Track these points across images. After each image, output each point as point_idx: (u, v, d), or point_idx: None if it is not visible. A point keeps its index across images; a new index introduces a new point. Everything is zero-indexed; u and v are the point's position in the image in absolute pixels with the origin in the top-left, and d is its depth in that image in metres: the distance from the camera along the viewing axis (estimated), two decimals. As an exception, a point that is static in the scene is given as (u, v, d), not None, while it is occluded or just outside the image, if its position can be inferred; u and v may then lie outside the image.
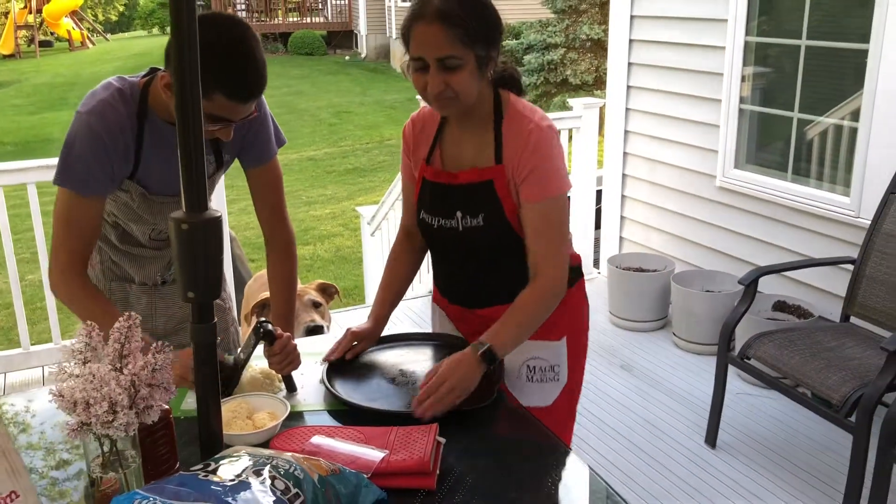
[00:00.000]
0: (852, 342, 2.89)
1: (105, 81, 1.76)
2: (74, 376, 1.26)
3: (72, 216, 1.74)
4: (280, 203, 1.98)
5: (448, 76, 1.61)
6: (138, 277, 1.99)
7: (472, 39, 1.60)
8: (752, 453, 3.07)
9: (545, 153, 1.67)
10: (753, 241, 3.86)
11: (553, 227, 1.71)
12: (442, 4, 1.58)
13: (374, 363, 1.88)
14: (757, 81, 3.84)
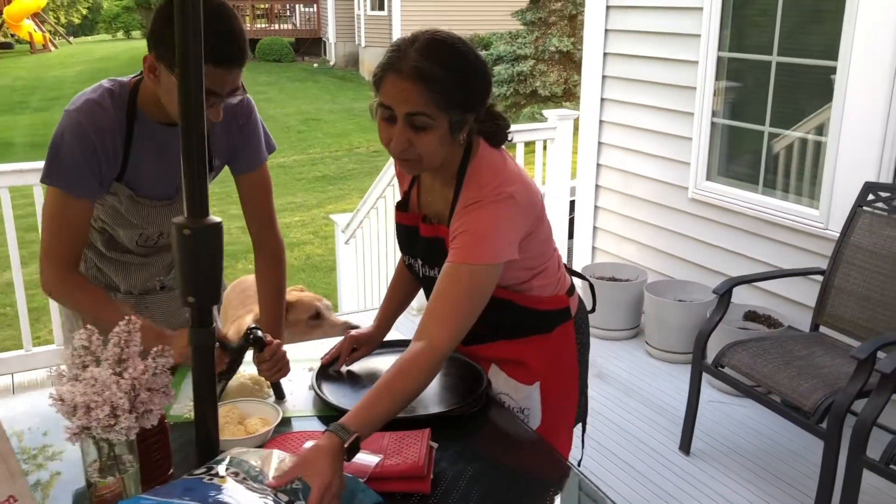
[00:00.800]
0: (822, 351, 2.97)
1: (96, 84, 1.75)
2: (74, 380, 1.25)
3: (61, 215, 1.73)
4: (269, 210, 1.97)
5: (414, 135, 1.49)
6: (123, 286, 1.97)
7: (449, 104, 1.48)
8: (725, 460, 3.12)
9: (479, 221, 1.53)
10: (724, 252, 3.94)
11: (455, 296, 1.52)
12: (421, 63, 1.46)
13: (364, 369, 1.89)
14: (729, 95, 3.93)
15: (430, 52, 1.48)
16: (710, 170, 4.00)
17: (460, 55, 1.52)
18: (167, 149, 1.78)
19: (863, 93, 3.21)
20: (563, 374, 1.82)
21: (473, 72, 1.52)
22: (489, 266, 1.53)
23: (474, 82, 1.53)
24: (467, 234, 1.53)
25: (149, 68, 1.63)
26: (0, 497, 1.19)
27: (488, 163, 1.60)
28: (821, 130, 3.53)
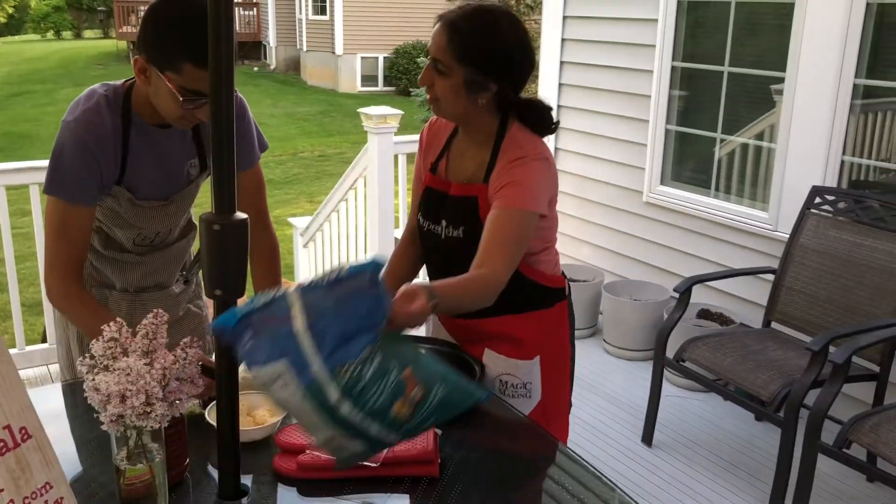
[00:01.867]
0: (775, 345, 3.14)
1: (89, 90, 1.77)
2: (106, 370, 1.29)
3: (65, 224, 1.75)
4: (264, 208, 2.00)
5: (436, 77, 1.72)
6: (119, 284, 1.98)
7: (464, 58, 1.68)
8: (685, 450, 3.28)
9: (523, 173, 1.72)
10: (678, 253, 4.11)
11: (507, 236, 1.69)
12: (456, 16, 1.71)
13: None
14: (682, 103, 4.10)
15: (469, 14, 1.71)
16: (663, 175, 4.17)
17: (493, 24, 1.71)
18: (163, 150, 1.82)
19: (809, 101, 3.41)
20: (558, 350, 1.96)
21: (498, 41, 1.71)
22: (533, 213, 1.72)
23: (495, 50, 1.71)
24: (514, 184, 1.71)
25: (140, 70, 1.66)
26: (38, 484, 1.22)
27: (524, 134, 1.80)
28: (770, 137, 3.73)
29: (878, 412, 2.62)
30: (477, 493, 1.46)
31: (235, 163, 1.32)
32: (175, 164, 1.86)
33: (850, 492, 3.01)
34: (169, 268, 2.03)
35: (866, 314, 3.00)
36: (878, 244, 3.04)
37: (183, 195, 1.92)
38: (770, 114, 3.73)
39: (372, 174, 4.42)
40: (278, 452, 1.54)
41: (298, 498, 1.46)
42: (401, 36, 19.55)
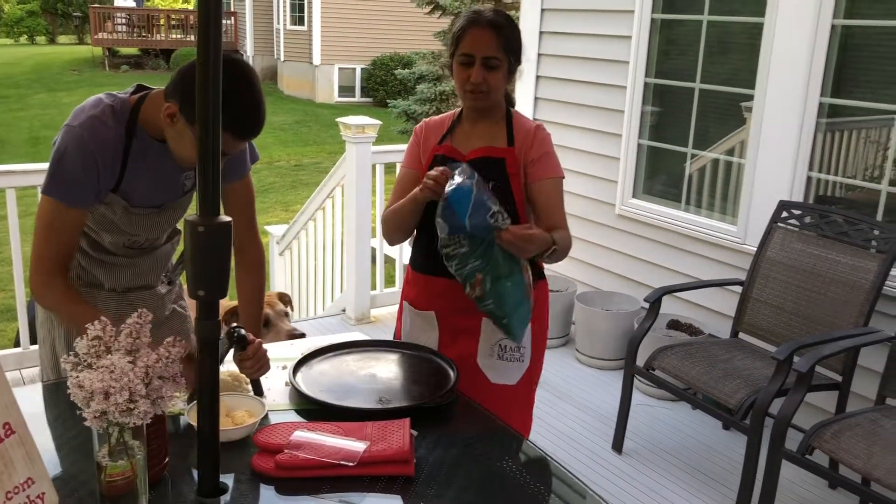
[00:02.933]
0: (742, 355, 3.22)
1: (95, 98, 1.82)
2: (90, 368, 1.32)
3: (56, 224, 1.79)
4: (252, 218, 2.06)
5: (488, 73, 2.01)
6: (108, 284, 2.01)
7: (509, 49, 2.03)
8: (653, 458, 3.34)
9: (549, 145, 2.12)
10: (649, 264, 4.19)
11: (561, 201, 2.11)
12: (494, 17, 2.03)
13: (336, 367, 2.00)
14: (654, 119, 4.20)
15: (498, 13, 2.05)
16: (636, 188, 4.26)
17: (510, 19, 2.07)
18: (161, 163, 1.86)
19: (777, 118, 3.51)
20: (543, 322, 2.28)
21: (517, 29, 2.08)
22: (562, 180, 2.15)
23: (519, 36, 2.08)
24: (549, 154, 2.11)
25: (168, 115, 1.71)
26: (20, 479, 1.25)
27: (520, 113, 2.20)
28: (739, 153, 3.83)
29: (840, 420, 2.70)
30: (451, 492, 1.50)
31: (220, 169, 1.36)
32: (171, 176, 1.91)
33: (812, 498, 3.09)
34: (155, 269, 2.07)
35: (829, 325, 3.09)
36: (842, 258, 3.13)
37: (175, 205, 1.97)
38: (740, 130, 3.83)
39: (350, 183, 4.46)
40: (257, 452, 1.58)
41: (276, 496, 1.49)
42: (378, 48, 19.61)
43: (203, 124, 1.33)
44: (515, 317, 1.99)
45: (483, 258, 1.90)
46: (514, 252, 1.92)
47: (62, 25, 35.39)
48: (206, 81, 1.32)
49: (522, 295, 1.98)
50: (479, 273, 1.92)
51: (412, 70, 14.31)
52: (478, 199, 1.86)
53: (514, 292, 1.96)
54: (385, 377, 1.93)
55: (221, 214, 1.38)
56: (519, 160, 2.08)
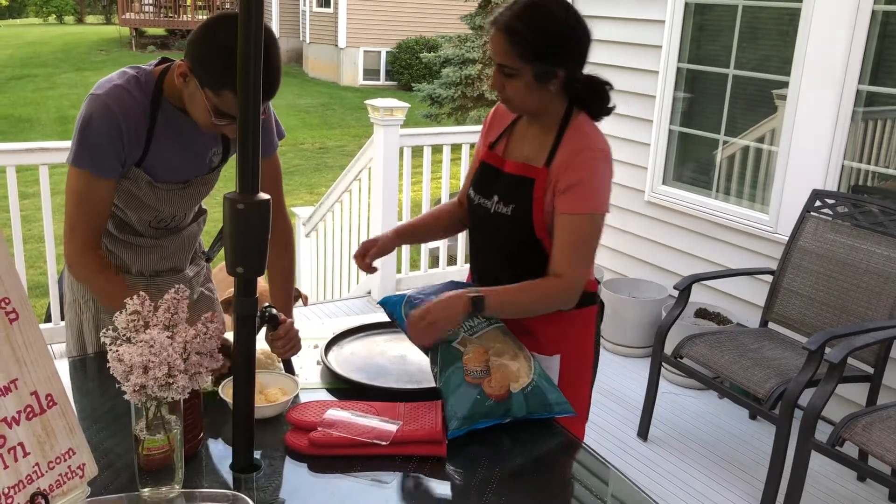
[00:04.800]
0: (772, 345, 3.19)
1: (120, 70, 1.80)
2: (129, 342, 1.33)
3: (86, 195, 1.78)
4: (280, 197, 2.03)
5: (506, 81, 1.75)
6: (135, 267, 2.01)
7: (530, 55, 1.70)
8: (680, 446, 3.32)
9: (589, 172, 1.74)
10: (677, 252, 4.16)
11: (580, 241, 1.76)
12: (509, 18, 1.71)
13: (366, 348, 2.00)
14: (686, 105, 4.15)
15: (521, 12, 1.72)
16: (666, 174, 4.22)
17: (547, 14, 1.73)
18: (187, 136, 1.85)
19: (812, 106, 3.46)
20: (580, 353, 1.94)
21: (557, 28, 1.72)
22: (602, 215, 1.78)
23: (556, 37, 1.72)
24: (581, 185, 1.74)
25: (180, 73, 1.70)
26: (62, 449, 1.26)
27: (589, 124, 1.82)
28: (772, 140, 3.77)
29: (871, 412, 2.67)
30: (482, 473, 1.50)
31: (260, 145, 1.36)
32: (198, 150, 1.89)
33: (841, 490, 3.06)
34: (183, 251, 2.06)
35: (861, 316, 3.05)
36: (876, 248, 3.09)
37: (202, 181, 1.95)
38: (773, 118, 3.78)
39: (377, 166, 4.46)
40: (290, 429, 1.58)
41: (308, 474, 1.50)
42: (404, 31, 19.55)
43: (243, 99, 1.33)
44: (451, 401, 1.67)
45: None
46: (423, 336, 1.73)
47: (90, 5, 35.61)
48: (248, 58, 1.32)
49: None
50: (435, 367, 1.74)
51: (438, 53, 14.26)
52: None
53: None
54: (415, 358, 1.93)
55: (260, 192, 1.39)
56: (548, 185, 1.77)
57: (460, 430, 1.59)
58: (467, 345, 1.72)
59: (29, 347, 1.24)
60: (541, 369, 1.75)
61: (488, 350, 1.71)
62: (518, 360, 1.72)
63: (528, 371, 1.71)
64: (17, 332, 1.22)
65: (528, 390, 1.68)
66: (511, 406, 1.66)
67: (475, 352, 1.70)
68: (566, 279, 1.76)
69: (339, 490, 1.44)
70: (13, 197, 3.51)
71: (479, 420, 1.62)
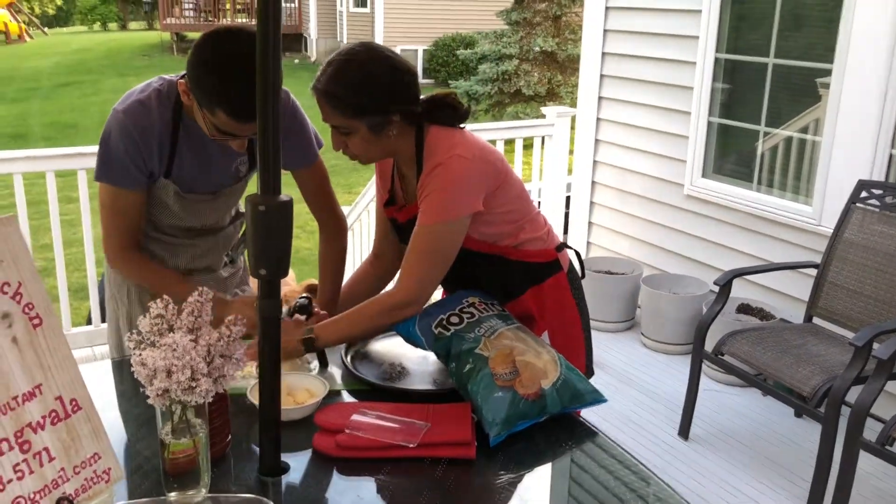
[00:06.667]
0: (816, 340, 3.10)
1: (146, 82, 1.83)
2: (153, 346, 1.32)
3: (115, 207, 1.84)
4: (329, 196, 2.08)
5: (345, 139, 1.76)
6: (169, 264, 2.03)
7: (357, 112, 1.71)
8: (722, 445, 3.25)
9: (438, 182, 1.75)
10: (718, 246, 4.07)
11: (418, 252, 1.78)
12: (325, 83, 1.71)
13: (386, 348, 1.97)
14: (725, 95, 4.05)
15: (335, 74, 1.71)
16: (705, 167, 4.13)
17: (360, 69, 1.72)
18: (211, 148, 1.86)
19: (857, 94, 3.34)
20: (565, 322, 1.99)
21: (374, 81, 1.72)
22: (452, 222, 1.76)
23: (376, 90, 1.72)
24: (428, 198, 1.76)
25: (184, 91, 1.73)
26: (87, 454, 1.26)
27: (440, 138, 1.80)
28: (815, 130, 3.67)
29: (923, 410, 2.57)
30: (512, 475, 1.47)
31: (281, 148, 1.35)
32: (223, 160, 1.90)
33: (891, 490, 2.96)
34: (217, 251, 2.08)
35: (912, 311, 2.94)
36: (926, 240, 2.98)
37: (231, 190, 1.97)
38: (815, 107, 3.67)
39: (411, 164, 4.44)
40: (318, 431, 1.57)
41: (337, 476, 1.48)
42: (440, 28, 19.53)
43: (262, 104, 1.31)
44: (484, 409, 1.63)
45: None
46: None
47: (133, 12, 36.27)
48: (266, 67, 1.30)
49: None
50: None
51: (474, 50, 14.22)
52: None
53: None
54: (437, 360, 1.89)
55: (282, 193, 1.37)
56: None
57: (501, 436, 1.55)
58: (490, 349, 1.69)
59: (53, 353, 1.24)
60: (566, 361, 1.73)
61: (512, 351, 1.68)
62: (542, 357, 1.69)
63: (554, 365, 1.68)
64: (41, 337, 1.23)
65: (558, 384, 1.65)
66: (546, 403, 1.63)
67: (499, 354, 1.67)
68: (398, 290, 1.80)
69: (367, 493, 1.42)
70: (53, 201, 3.57)
71: (517, 422, 1.58)
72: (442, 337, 1.76)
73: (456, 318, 1.78)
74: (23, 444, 1.17)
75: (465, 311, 1.80)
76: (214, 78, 1.62)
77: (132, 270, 1.90)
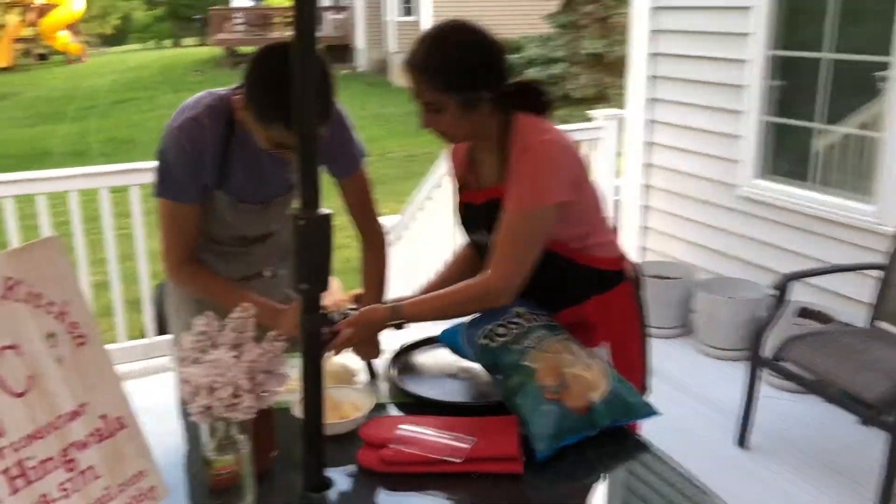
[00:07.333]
0: (880, 345, 2.98)
1: (197, 97, 1.87)
2: (196, 363, 1.33)
3: (173, 220, 1.90)
4: (370, 206, 2.09)
5: (434, 117, 1.75)
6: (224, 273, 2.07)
7: (448, 87, 1.71)
8: (782, 455, 3.14)
9: (528, 168, 1.72)
10: (775, 249, 3.96)
11: (512, 238, 1.74)
12: (417, 57, 1.72)
13: (432, 359, 1.95)
14: (779, 93, 3.94)
15: (430, 47, 1.73)
16: (759, 167, 4.02)
17: (456, 44, 1.74)
18: (261, 159, 1.90)
19: (918, 88, 3.22)
20: (627, 334, 1.94)
21: (468, 56, 1.73)
22: (543, 209, 1.73)
23: (470, 65, 1.72)
24: (519, 183, 1.73)
25: (240, 106, 1.79)
26: (131, 472, 1.26)
27: (528, 123, 1.79)
28: (874, 126, 3.54)
29: None
30: (560, 490, 1.43)
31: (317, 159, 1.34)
32: (275, 171, 1.94)
33: (965, 502, 2.83)
34: (271, 258, 2.12)
35: (983, 313, 2.81)
36: None
37: (283, 199, 2.00)
38: (875, 102, 3.54)
39: (457, 172, 4.42)
40: (363, 446, 1.55)
41: (381, 492, 1.47)
42: (487, 34, 19.53)
43: (298, 118, 1.31)
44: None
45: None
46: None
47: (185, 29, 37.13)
48: (303, 80, 1.29)
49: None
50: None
51: (522, 55, 14.16)
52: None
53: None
54: (482, 371, 1.86)
55: (322, 207, 1.36)
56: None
57: (549, 451, 1.51)
58: (537, 361, 1.65)
59: (97, 371, 1.25)
60: (616, 373, 1.67)
61: (560, 363, 1.64)
62: (592, 369, 1.64)
63: (604, 377, 1.64)
64: (86, 356, 1.23)
65: (608, 397, 1.60)
66: (595, 417, 1.58)
67: (547, 367, 1.63)
68: (490, 278, 1.76)
69: (412, 509, 1.41)
70: (107, 216, 3.65)
71: (566, 437, 1.54)
72: (488, 348, 1.73)
73: (502, 329, 1.75)
74: (68, 462, 1.17)
75: (512, 322, 1.76)
76: (271, 92, 1.66)
77: (190, 283, 1.96)
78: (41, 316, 1.18)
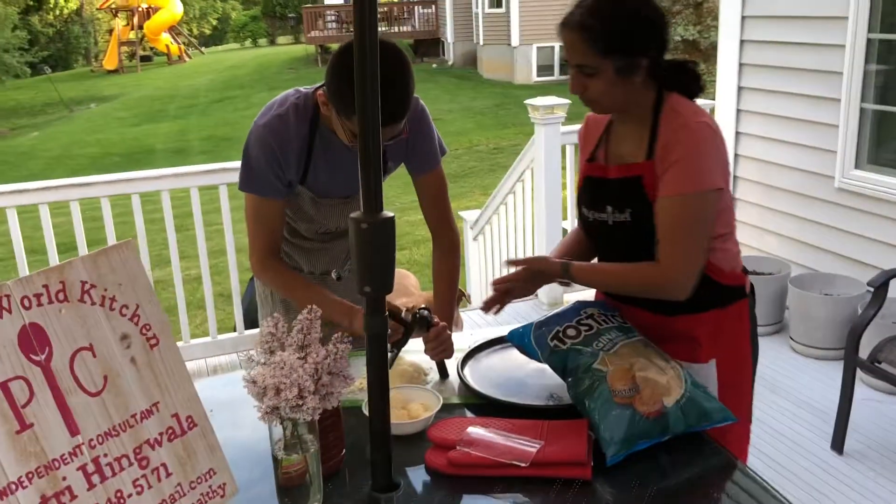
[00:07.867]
0: None
1: (283, 95, 1.92)
2: (263, 364, 1.35)
3: (258, 215, 1.95)
4: (445, 207, 2.10)
5: (586, 81, 1.66)
6: (306, 268, 2.15)
7: (608, 50, 1.62)
8: (881, 459, 2.99)
9: (690, 148, 1.63)
10: (875, 243, 3.76)
11: (681, 225, 1.65)
12: (581, 16, 1.63)
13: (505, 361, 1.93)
14: (880, 79, 3.73)
15: (593, 6, 1.63)
16: (858, 157, 3.82)
17: (620, 5, 1.65)
18: (343, 154, 1.93)
19: None
20: (737, 354, 1.82)
21: (632, 18, 1.64)
22: (703, 193, 1.64)
23: (633, 27, 1.63)
24: (680, 163, 1.63)
25: (323, 102, 1.80)
26: (202, 469, 1.30)
27: (682, 102, 1.70)
28: None
29: None
30: (631, 499, 1.39)
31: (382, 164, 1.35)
32: (354, 166, 1.94)
33: None
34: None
35: None
36: None
37: None
38: None
39: (539, 165, 4.38)
40: (431, 447, 1.55)
41: (448, 494, 1.46)
42: (577, 24, 19.26)
43: (362, 122, 1.31)
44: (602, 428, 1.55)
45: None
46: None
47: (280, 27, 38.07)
48: (364, 80, 1.29)
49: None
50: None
51: (611, 44, 13.90)
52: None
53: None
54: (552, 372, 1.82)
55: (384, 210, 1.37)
56: (657, 175, 1.66)
57: (619, 455, 1.48)
58: (608, 364, 1.61)
59: (169, 372, 1.29)
60: (692, 378, 1.61)
61: (632, 366, 1.60)
62: (666, 373, 1.59)
63: (678, 382, 1.58)
64: (158, 357, 1.28)
65: (682, 402, 1.55)
66: (668, 422, 1.53)
67: (618, 370, 1.59)
68: (665, 267, 1.67)
69: (478, 513, 1.40)
70: (197, 214, 3.78)
71: (637, 442, 1.50)
72: (558, 350, 1.70)
73: (573, 330, 1.72)
74: (141, 460, 1.22)
75: (583, 324, 1.73)
76: (350, 85, 1.64)
77: (271, 279, 2.00)
78: (115, 318, 1.23)
